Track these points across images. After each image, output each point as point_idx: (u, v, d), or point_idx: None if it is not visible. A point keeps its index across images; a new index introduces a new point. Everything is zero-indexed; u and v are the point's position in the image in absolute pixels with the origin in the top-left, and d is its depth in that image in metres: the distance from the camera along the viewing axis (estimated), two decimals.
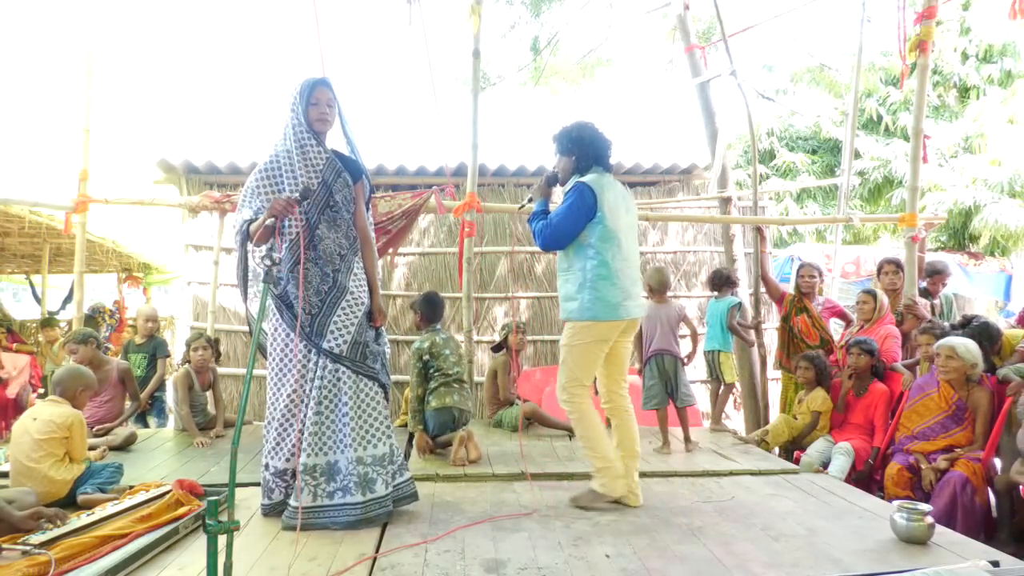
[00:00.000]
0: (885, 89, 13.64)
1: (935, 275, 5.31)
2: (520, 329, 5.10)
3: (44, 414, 3.26)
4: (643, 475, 3.76)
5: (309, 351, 2.97)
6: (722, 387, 5.14)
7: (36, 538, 2.55)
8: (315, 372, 2.95)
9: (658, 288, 4.60)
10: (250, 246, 2.99)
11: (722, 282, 5.19)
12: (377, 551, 2.63)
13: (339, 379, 2.95)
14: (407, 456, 4.29)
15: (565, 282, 3.22)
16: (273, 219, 2.87)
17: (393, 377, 6.86)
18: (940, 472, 3.64)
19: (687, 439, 4.46)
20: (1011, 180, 11.83)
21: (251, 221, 2.98)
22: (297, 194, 2.91)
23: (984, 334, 3.99)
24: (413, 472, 3.71)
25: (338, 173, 3.09)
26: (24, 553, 2.43)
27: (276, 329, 3.01)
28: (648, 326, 4.54)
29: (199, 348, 4.74)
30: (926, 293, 5.24)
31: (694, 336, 4.95)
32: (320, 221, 3.02)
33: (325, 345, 2.94)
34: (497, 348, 5.39)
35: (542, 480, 3.66)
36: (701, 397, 6.27)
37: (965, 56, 13.63)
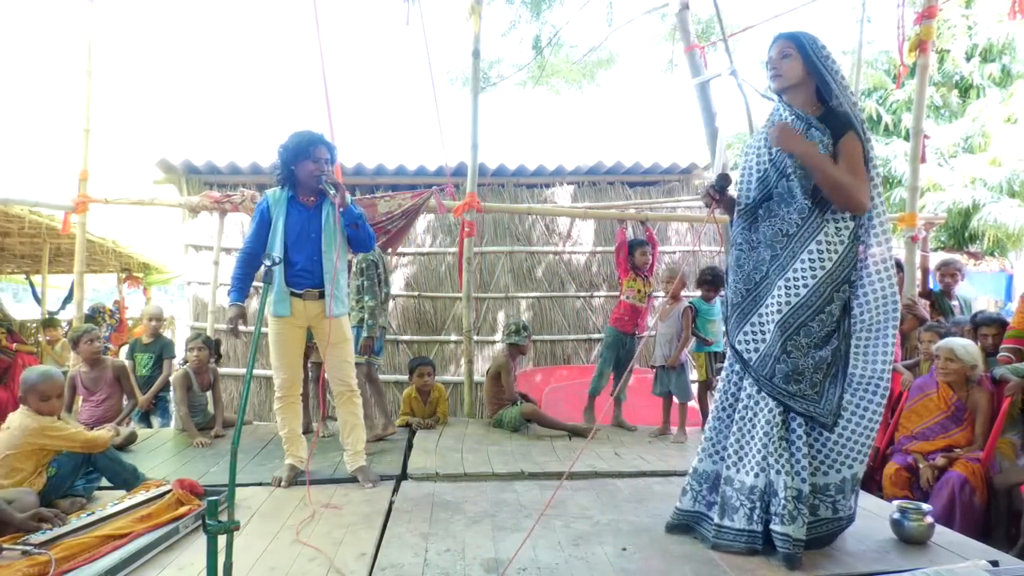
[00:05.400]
0: (890, 85, 13.61)
1: (942, 267, 5.34)
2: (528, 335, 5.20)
3: (13, 423, 3.06)
4: (643, 474, 3.77)
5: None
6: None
7: (36, 538, 2.55)
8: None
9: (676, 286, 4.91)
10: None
11: (705, 281, 5.00)
12: (377, 551, 2.63)
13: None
14: (410, 447, 4.29)
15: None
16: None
17: (393, 377, 6.90)
18: (938, 471, 3.63)
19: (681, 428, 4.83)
20: (1010, 179, 11.83)
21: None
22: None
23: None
24: (412, 471, 3.72)
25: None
26: (24, 553, 2.42)
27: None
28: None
29: (195, 348, 4.75)
30: (943, 295, 5.23)
31: (686, 339, 4.89)
32: (764, 199, 2.67)
33: (737, 345, 2.70)
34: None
35: (542, 480, 3.66)
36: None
37: (968, 55, 13.62)
